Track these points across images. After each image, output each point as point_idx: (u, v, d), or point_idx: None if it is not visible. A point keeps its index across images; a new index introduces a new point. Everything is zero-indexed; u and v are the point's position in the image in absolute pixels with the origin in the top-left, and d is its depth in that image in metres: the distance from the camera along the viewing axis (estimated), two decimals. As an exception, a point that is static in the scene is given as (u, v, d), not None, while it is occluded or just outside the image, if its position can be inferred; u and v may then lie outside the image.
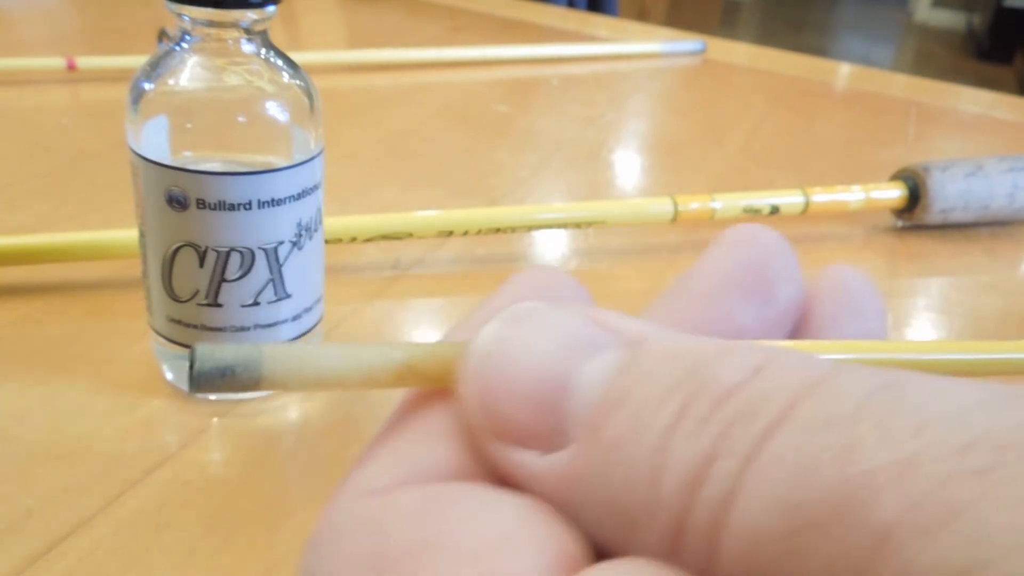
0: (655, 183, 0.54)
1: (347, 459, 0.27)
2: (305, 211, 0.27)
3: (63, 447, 0.27)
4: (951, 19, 3.62)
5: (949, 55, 3.19)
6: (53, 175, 0.45)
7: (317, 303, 0.30)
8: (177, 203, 0.26)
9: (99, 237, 0.35)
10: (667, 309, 0.15)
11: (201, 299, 0.27)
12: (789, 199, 0.44)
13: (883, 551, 0.08)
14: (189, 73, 0.26)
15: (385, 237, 0.39)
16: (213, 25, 0.26)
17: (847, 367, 0.10)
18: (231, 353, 0.12)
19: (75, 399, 0.29)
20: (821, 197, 0.45)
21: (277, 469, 0.28)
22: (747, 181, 0.52)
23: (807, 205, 0.44)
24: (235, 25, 0.26)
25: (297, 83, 0.27)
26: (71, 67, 0.58)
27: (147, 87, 0.26)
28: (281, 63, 0.27)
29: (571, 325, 0.12)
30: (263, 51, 0.27)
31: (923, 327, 0.40)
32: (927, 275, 0.44)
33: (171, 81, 0.26)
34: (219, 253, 0.26)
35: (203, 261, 0.27)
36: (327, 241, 0.36)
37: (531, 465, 0.12)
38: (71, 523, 0.25)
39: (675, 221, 0.42)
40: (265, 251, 0.27)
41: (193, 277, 0.27)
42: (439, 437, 0.13)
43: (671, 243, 0.45)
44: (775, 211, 0.44)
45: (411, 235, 0.39)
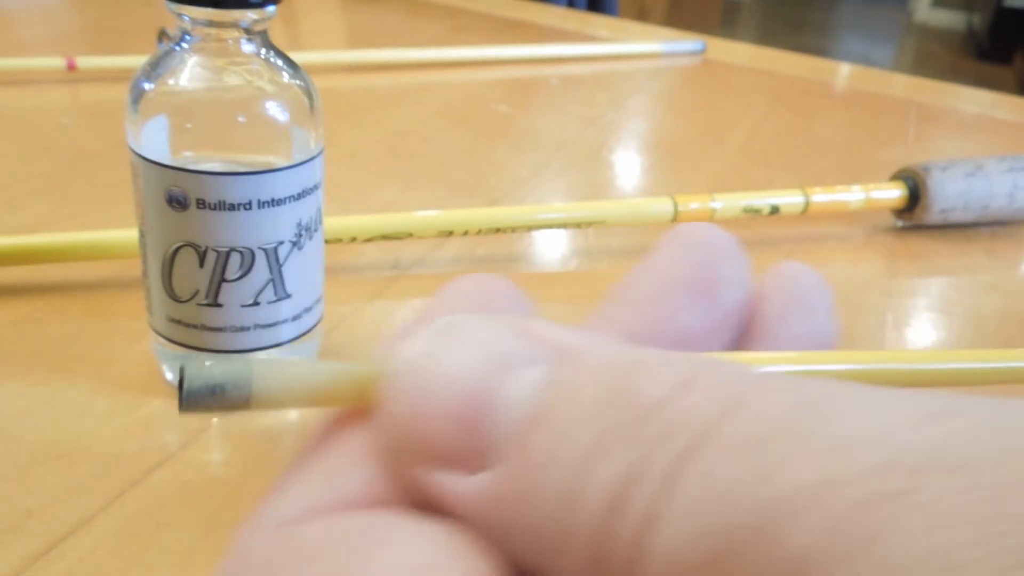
0: (655, 183, 0.54)
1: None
2: (305, 211, 0.27)
3: (63, 447, 0.27)
4: (951, 19, 3.62)
5: (949, 55, 3.19)
6: (53, 175, 0.45)
7: (317, 303, 0.30)
8: (177, 203, 0.26)
9: (99, 237, 0.35)
10: (611, 313, 0.15)
11: (201, 299, 0.27)
12: (789, 199, 0.44)
13: None
14: (189, 73, 0.26)
15: (385, 237, 0.39)
16: (213, 25, 0.26)
17: (771, 381, 0.10)
18: (220, 371, 0.12)
19: (75, 399, 0.29)
20: (821, 197, 0.45)
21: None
22: (747, 181, 0.52)
23: (807, 205, 0.44)
24: (235, 25, 0.26)
25: (297, 83, 0.27)
26: (71, 67, 0.58)
27: (147, 87, 0.26)
28: (281, 63, 0.27)
29: (497, 338, 0.11)
30: (263, 51, 0.27)
31: (923, 327, 0.40)
32: (927, 275, 0.44)
33: (171, 81, 0.26)
34: (219, 253, 0.26)
35: (203, 261, 0.27)
36: (327, 241, 0.36)
37: (454, 487, 0.11)
38: (71, 523, 0.25)
39: (675, 221, 0.42)
40: (265, 251, 0.27)
41: (193, 277, 0.27)
42: (358, 461, 0.12)
43: (671, 243, 0.45)
44: (775, 211, 0.44)
45: (411, 235, 0.39)
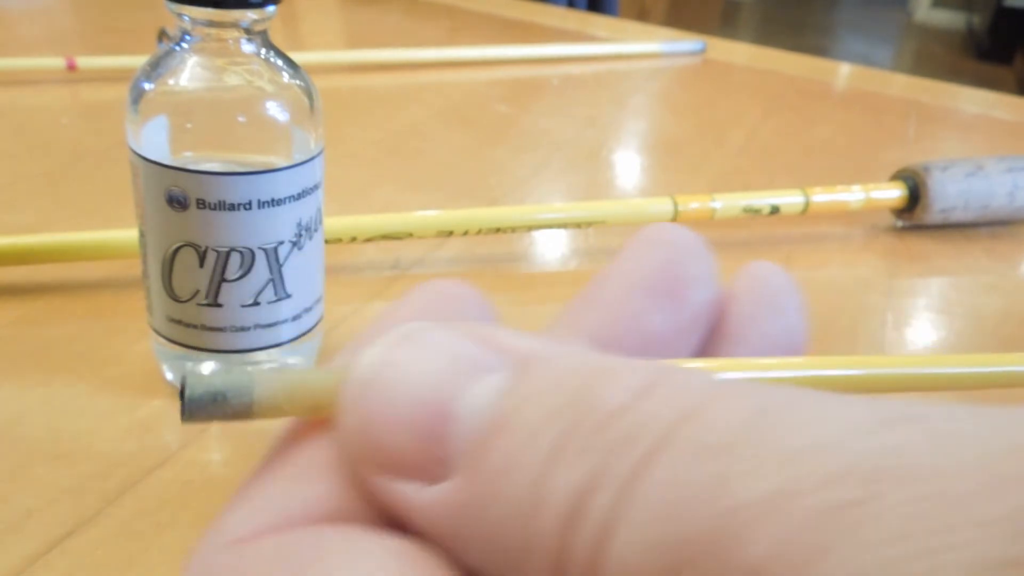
0: (655, 183, 0.54)
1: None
2: (305, 211, 0.27)
3: (63, 447, 0.27)
4: (951, 19, 3.62)
5: (949, 55, 3.19)
6: (53, 175, 0.45)
7: (317, 303, 0.30)
8: (177, 203, 0.26)
9: (99, 237, 0.35)
10: (577, 316, 0.14)
11: (201, 299, 0.27)
12: (789, 199, 0.44)
13: None
14: (189, 73, 0.26)
15: (385, 237, 0.39)
16: (213, 25, 0.26)
17: (729, 389, 0.10)
18: (221, 379, 0.12)
19: (75, 399, 0.29)
20: (821, 197, 0.45)
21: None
22: (747, 181, 0.52)
23: (807, 205, 0.44)
24: (235, 25, 0.26)
25: (297, 83, 0.27)
26: (71, 67, 0.57)
27: (147, 87, 0.26)
28: (281, 63, 0.27)
29: (456, 346, 0.11)
30: (263, 51, 0.27)
31: (923, 327, 0.40)
32: (927, 275, 0.44)
33: (171, 81, 0.26)
34: (219, 253, 0.26)
35: (203, 261, 0.27)
36: (327, 241, 0.36)
37: (414, 498, 0.11)
38: (71, 523, 0.25)
39: (675, 221, 0.42)
40: (265, 251, 0.27)
41: (193, 277, 0.27)
42: (316, 474, 0.12)
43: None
44: (775, 211, 0.44)
45: (411, 235, 0.39)
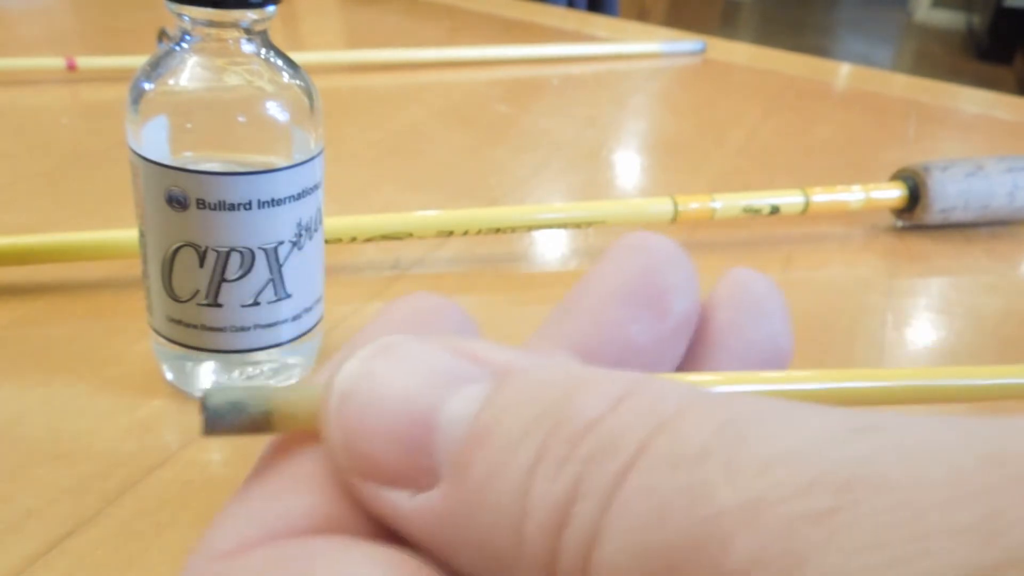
0: (655, 183, 0.54)
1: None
2: (305, 211, 0.27)
3: (63, 447, 0.27)
4: (951, 19, 3.62)
5: (949, 55, 3.19)
6: (53, 175, 0.45)
7: (317, 303, 0.30)
8: (177, 203, 0.26)
9: (99, 237, 0.35)
10: (556, 326, 0.14)
11: (201, 299, 0.27)
12: (789, 199, 0.44)
13: None
14: (189, 73, 0.26)
15: (385, 237, 0.39)
16: (213, 25, 0.26)
17: (702, 399, 0.10)
18: (240, 391, 0.12)
19: (75, 399, 0.29)
20: (821, 197, 0.45)
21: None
22: (747, 181, 0.52)
23: (807, 205, 0.44)
24: (235, 25, 0.26)
25: (297, 83, 0.27)
26: (71, 67, 0.57)
27: (147, 87, 0.26)
28: (281, 63, 0.27)
29: (435, 358, 0.11)
30: (263, 51, 0.27)
31: (923, 327, 0.40)
32: (927, 275, 0.44)
33: (171, 81, 0.26)
34: (219, 253, 0.26)
35: (203, 261, 0.27)
36: (327, 241, 0.36)
37: (401, 506, 0.11)
38: (71, 523, 0.25)
39: (675, 221, 0.42)
40: (265, 251, 0.27)
41: (193, 277, 0.27)
42: (304, 486, 0.12)
43: (671, 243, 0.45)
44: (775, 211, 0.44)
45: (411, 235, 0.39)
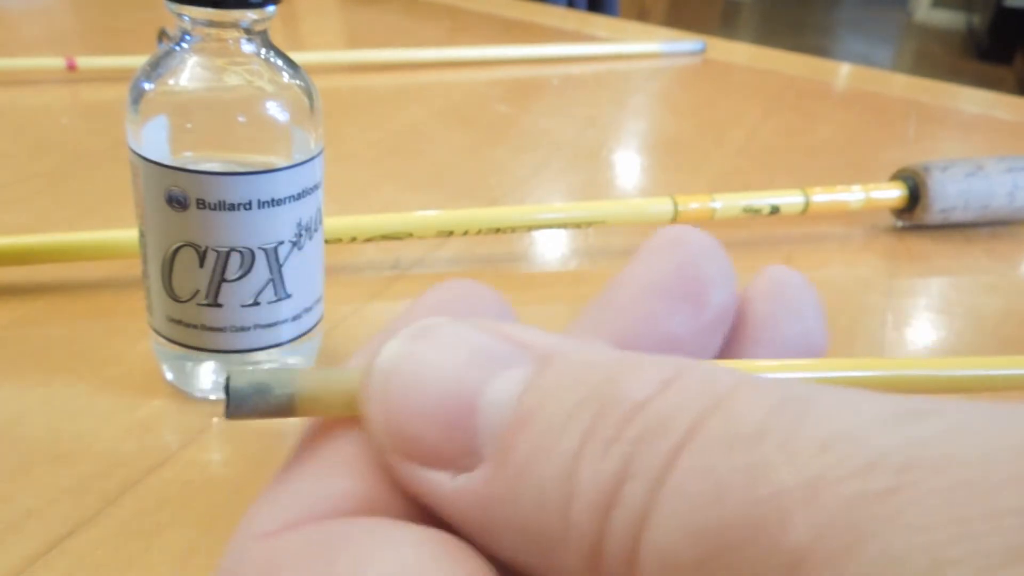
0: (655, 183, 0.54)
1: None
2: (305, 211, 0.27)
3: (63, 447, 0.27)
4: (951, 19, 3.62)
5: (949, 55, 3.19)
6: (53, 175, 0.45)
7: (317, 303, 0.30)
8: (177, 203, 0.26)
9: (99, 237, 0.35)
10: (593, 319, 0.14)
11: (201, 299, 0.27)
12: (789, 199, 0.44)
13: None
14: (189, 73, 0.26)
15: (385, 237, 0.39)
16: (213, 25, 0.26)
17: (752, 381, 0.10)
18: (264, 373, 0.12)
19: (75, 399, 0.29)
20: (821, 197, 0.45)
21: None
22: (747, 181, 0.52)
23: (807, 205, 0.44)
24: (235, 25, 0.26)
25: (297, 83, 0.27)
26: (71, 67, 0.57)
27: (147, 87, 0.26)
28: (281, 63, 0.27)
29: (478, 340, 0.11)
30: (263, 51, 0.27)
31: (923, 327, 0.40)
32: (927, 275, 0.44)
33: (171, 81, 0.26)
34: (219, 253, 0.26)
35: (203, 261, 0.27)
36: (327, 241, 0.36)
37: (442, 487, 0.11)
38: (71, 523, 0.25)
39: (675, 221, 0.42)
40: (265, 251, 0.27)
41: (193, 277, 0.27)
42: (345, 468, 0.12)
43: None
44: (775, 211, 0.44)
45: (411, 235, 0.39)
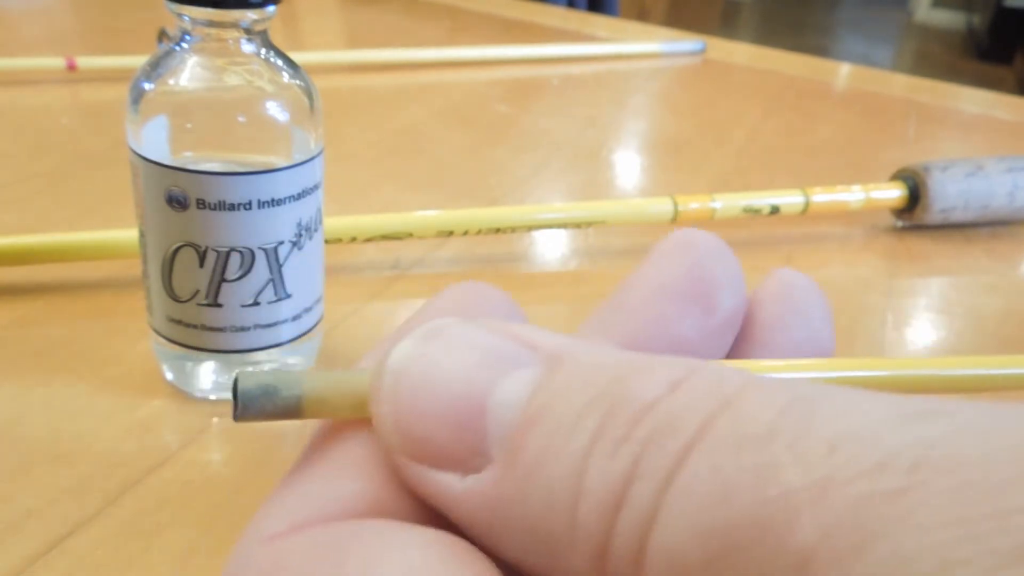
0: (655, 183, 0.54)
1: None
2: (305, 211, 0.27)
3: (63, 447, 0.27)
4: (951, 19, 3.62)
5: (949, 55, 3.19)
6: (53, 175, 0.45)
7: (317, 303, 0.30)
8: (177, 203, 0.26)
9: (99, 237, 0.35)
10: (603, 321, 0.14)
11: (201, 299, 0.27)
12: (789, 199, 0.44)
13: None
14: (189, 73, 0.26)
15: (385, 237, 0.39)
16: (213, 25, 0.26)
17: (762, 381, 0.10)
18: (272, 375, 0.12)
19: (75, 399, 0.29)
20: (821, 197, 0.45)
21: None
22: (747, 181, 0.52)
23: (807, 205, 0.44)
24: (235, 25, 0.26)
25: (297, 83, 0.27)
26: (71, 67, 0.57)
27: (147, 87, 0.26)
28: (281, 63, 0.27)
29: (488, 341, 0.11)
30: (263, 51, 0.27)
31: (923, 327, 0.40)
32: (927, 275, 0.44)
33: (171, 81, 0.26)
34: (219, 253, 0.26)
35: (203, 261, 0.27)
36: (327, 241, 0.36)
37: (451, 488, 0.11)
38: (71, 523, 0.25)
39: (675, 221, 0.42)
40: (265, 251, 0.27)
41: (193, 277, 0.27)
42: (353, 470, 0.12)
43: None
44: (775, 211, 0.44)
45: (411, 235, 0.39)
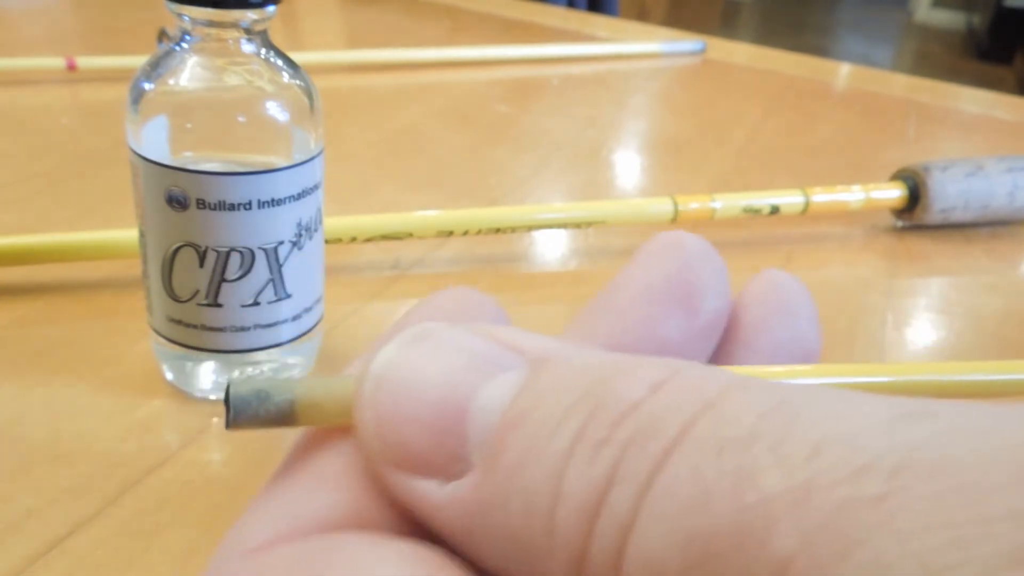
0: (655, 183, 0.54)
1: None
2: (305, 211, 0.27)
3: (63, 447, 0.27)
4: (951, 19, 3.62)
5: (949, 55, 3.19)
6: (53, 175, 0.45)
7: (317, 303, 0.30)
8: (177, 203, 0.26)
9: (99, 237, 0.35)
10: (589, 323, 0.14)
11: (201, 299, 0.27)
12: (789, 199, 0.44)
13: None
14: (189, 73, 0.26)
15: (385, 237, 0.39)
16: (213, 25, 0.26)
17: (744, 383, 0.10)
18: (265, 381, 0.12)
19: (75, 399, 0.29)
20: (821, 197, 0.45)
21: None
22: (747, 181, 0.52)
23: (807, 205, 0.44)
24: (235, 25, 0.26)
25: (297, 83, 0.27)
26: (71, 67, 0.57)
27: (147, 87, 0.26)
28: (281, 63, 0.27)
29: (471, 345, 0.11)
30: (263, 51, 0.27)
31: (923, 327, 0.40)
32: (927, 275, 0.44)
33: (171, 81, 0.26)
34: (219, 253, 0.26)
35: (203, 261, 0.27)
36: (327, 241, 0.36)
37: (431, 496, 0.11)
38: (71, 523, 0.25)
39: (675, 221, 0.42)
40: (265, 251, 0.27)
41: (193, 277, 0.27)
42: (332, 482, 0.12)
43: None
44: (775, 211, 0.44)
45: (411, 235, 0.39)
